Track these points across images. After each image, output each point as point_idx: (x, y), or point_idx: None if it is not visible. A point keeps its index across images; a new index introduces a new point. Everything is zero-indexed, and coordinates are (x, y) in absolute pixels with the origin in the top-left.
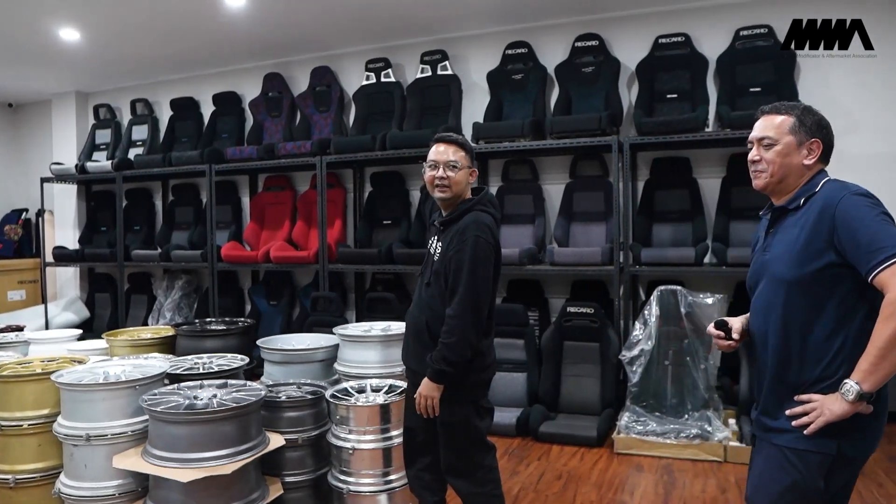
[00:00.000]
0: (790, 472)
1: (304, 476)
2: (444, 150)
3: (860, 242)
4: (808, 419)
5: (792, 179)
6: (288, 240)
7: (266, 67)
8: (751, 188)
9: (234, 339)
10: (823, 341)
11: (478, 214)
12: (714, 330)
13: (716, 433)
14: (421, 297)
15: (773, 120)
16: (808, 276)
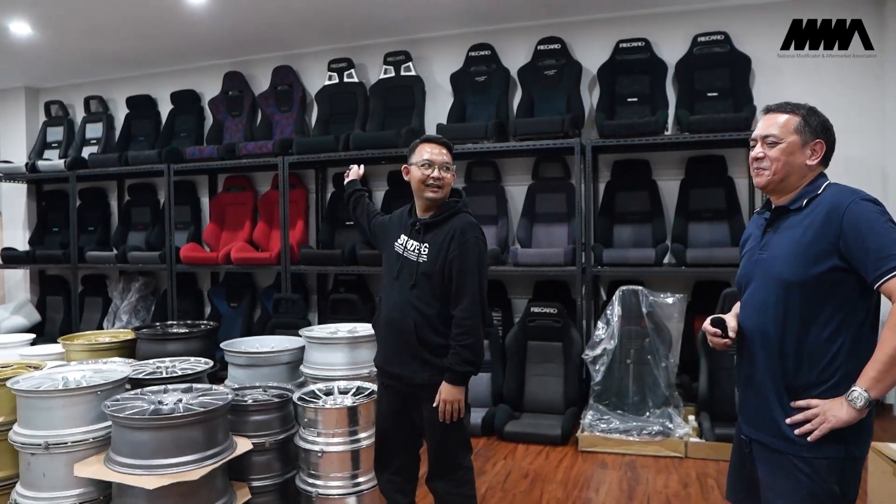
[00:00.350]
0: (802, 480)
1: (272, 480)
2: (439, 151)
3: (868, 249)
4: (810, 426)
5: (794, 179)
6: (249, 241)
7: (226, 66)
8: (707, 190)
9: (197, 342)
10: (821, 344)
11: (467, 216)
12: (711, 328)
13: (677, 430)
14: (404, 299)
15: (777, 118)
16: (809, 279)
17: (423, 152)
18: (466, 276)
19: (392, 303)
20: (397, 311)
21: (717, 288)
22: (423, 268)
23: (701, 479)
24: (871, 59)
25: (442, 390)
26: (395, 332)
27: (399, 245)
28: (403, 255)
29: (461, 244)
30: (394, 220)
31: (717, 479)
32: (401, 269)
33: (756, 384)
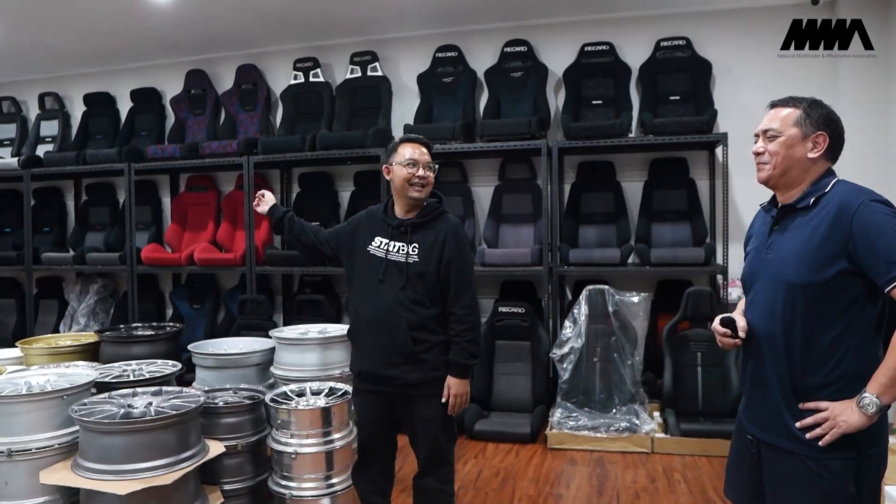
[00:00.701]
0: (819, 483)
1: (244, 483)
2: (423, 151)
3: (879, 253)
4: (821, 431)
5: (795, 173)
6: (212, 241)
7: (188, 63)
8: (670, 191)
9: (163, 345)
10: (828, 346)
11: (453, 217)
12: (720, 328)
13: (643, 426)
14: (394, 301)
15: (779, 112)
16: (817, 282)
17: (406, 152)
18: (465, 274)
19: (378, 305)
20: (386, 313)
21: (680, 287)
22: (414, 268)
23: (668, 474)
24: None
25: (451, 385)
26: (384, 335)
27: (378, 247)
28: (387, 258)
29: (457, 244)
30: (362, 225)
31: (683, 474)
32: (386, 270)
33: (763, 384)
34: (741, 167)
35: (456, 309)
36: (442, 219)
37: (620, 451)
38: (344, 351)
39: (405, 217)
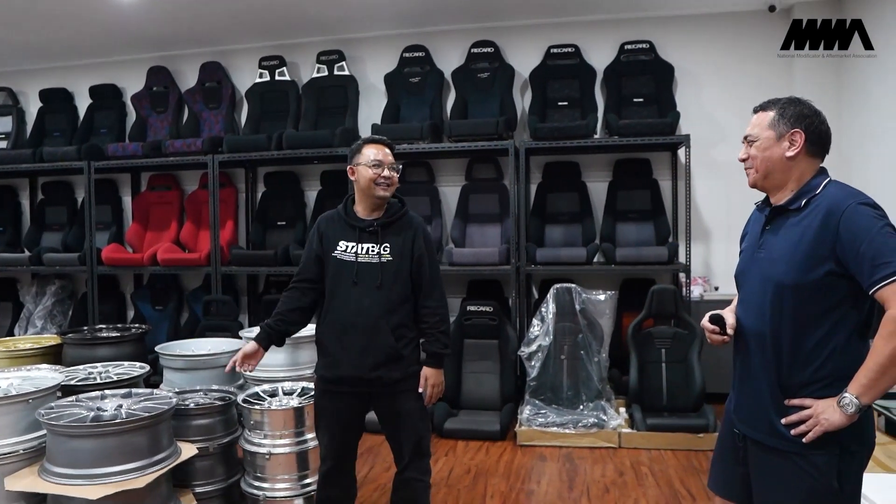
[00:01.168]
0: (803, 477)
1: (216, 485)
2: (386, 152)
3: (864, 255)
4: (805, 428)
5: (778, 174)
6: (175, 241)
7: (150, 60)
8: (634, 192)
9: (129, 347)
10: (815, 345)
11: (416, 215)
12: (709, 325)
13: (610, 421)
14: (371, 302)
15: (757, 117)
16: (805, 283)
17: (371, 153)
18: (435, 269)
19: (354, 308)
20: (364, 315)
21: (643, 285)
22: (390, 267)
23: (635, 468)
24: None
25: (428, 375)
26: (363, 337)
27: (345, 252)
28: (359, 261)
29: (426, 241)
30: (325, 235)
31: (650, 467)
32: (358, 272)
33: (751, 381)
34: (703, 168)
35: (429, 302)
36: (408, 218)
37: (589, 446)
38: (315, 351)
39: (370, 217)
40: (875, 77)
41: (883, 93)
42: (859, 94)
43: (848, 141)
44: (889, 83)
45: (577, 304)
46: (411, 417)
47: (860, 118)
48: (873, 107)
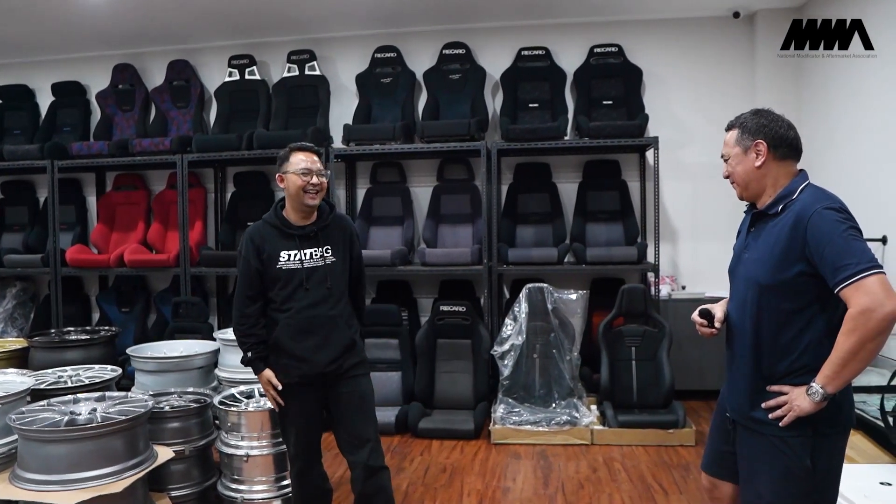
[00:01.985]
0: (780, 457)
1: (192, 489)
2: (314, 159)
3: (827, 258)
4: (780, 412)
5: (755, 185)
6: (142, 242)
7: (116, 57)
8: (603, 192)
9: (98, 350)
10: (791, 340)
11: (343, 214)
12: (699, 318)
13: (583, 418)
14: (323, 300)
15: (727, 136)
16: (780, 283)
17: (300, 161)
18: (361, 264)
19: (309, 311)
20: (319, 315)
21: (613, 285)
22: (334, 268)
23: (608, 463)
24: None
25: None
26: (322, 333)
27: (290, 260)
28: (305, 266)
29: (357, 238)
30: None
31: (622, 463)
32: (308, 277)
33: (737, 371)
34: (670, 170)
35: (360, 290)
36: (338, 217)
37: (562, 443)
38: None
39: (306, 223)
40: (833, 79)
41: (841, 95)
42: (818, 96)
43: (808, 142)
44: (846, 85)
45: (549, 303)
46: (365, 399)
47: (820, 120)
48: (832, 108)
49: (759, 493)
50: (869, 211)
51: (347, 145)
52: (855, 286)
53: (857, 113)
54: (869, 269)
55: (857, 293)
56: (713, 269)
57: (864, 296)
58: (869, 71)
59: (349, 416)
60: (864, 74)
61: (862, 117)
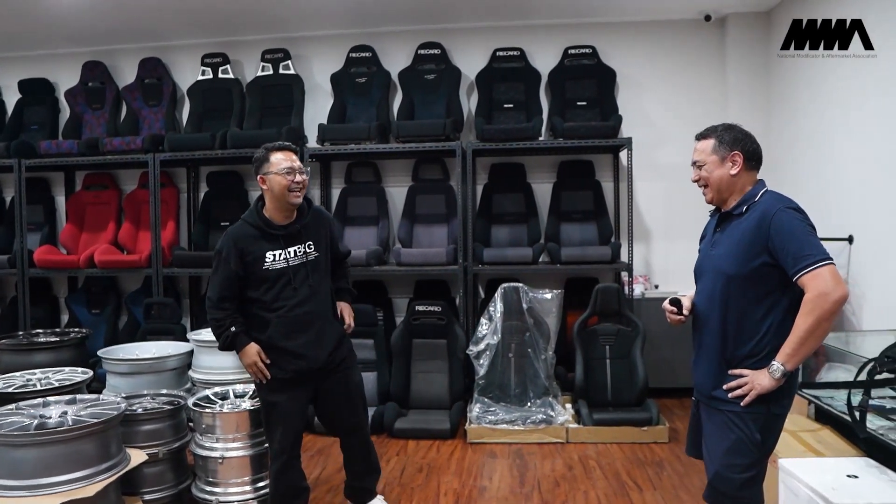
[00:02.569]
0: (734, 430)
1: (166, 492)
2: (294, 157)
3: (789, 250)
4: (741, 392)
5: (727, 189)
6: (113, 242)
7: (85, 55)
8: (577, 193)
9: (68, 352)
10: (755, 324)
11: (315, 205)
12: (669, 306)
13: (558, 417)
14: (313, 295)
15: (700, 144)
16: (745, 273)
17: (281, 161)
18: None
19: (300, 307)
20: (311, 307)
21: (587, 284)
22: (318, 262)
23: (583, 461)
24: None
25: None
26: (315, 329)
27: (276, 261)
28: (291, 265)
29: (332, 222)
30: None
31: (597, 461)
32: (295, 275)
33: (703, 356)
34: (643, 170)
35: (343, 263)
36: (316, 211)
37: (537, 442)
38: None
39: (288, 221)
40: (802, 82)
41: (809, 97)
42: (788, 98)
43: (777, 143)
44: (814, 87)
45: (524, 302)
46: (358, 388)
47: (789, 121)
48: (801, 110)
49: (713, 459)
50: (835, 211)
51: (322, 145)
52: (812, 274)
53: (824, 115)
54: (823, 261)
55: (814, 280)
56: (686, 268)
57: (820, 282)
58: (835, 73)
59: (340, 405)
60: (832, 77)
61: (829, 119)
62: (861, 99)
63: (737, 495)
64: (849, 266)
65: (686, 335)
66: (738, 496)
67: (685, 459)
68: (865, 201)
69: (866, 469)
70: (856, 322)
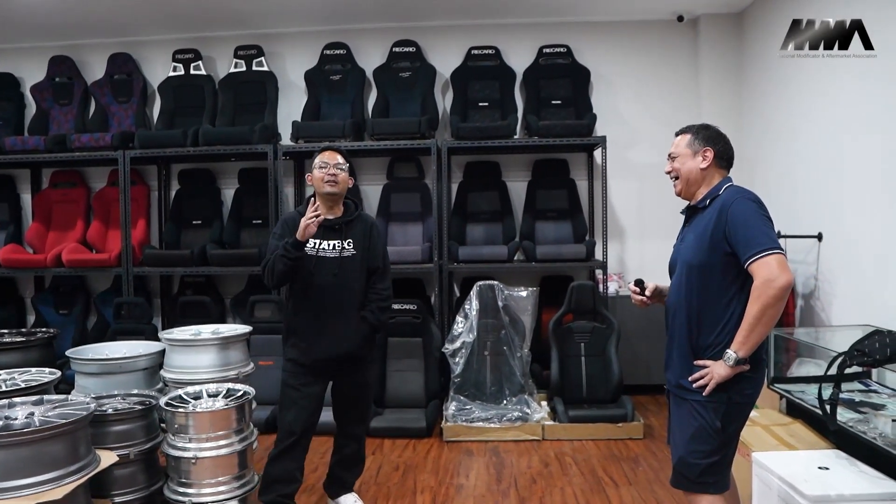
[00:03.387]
0: (696, 418)
1: (137, 494)
2: (334, 155)
3: (740, 239)
4: (703, 382)
5: (694, 182)
6: (82, 241)
7: (52, 49)
8: (552, 191)
9: (35, 352)
10: (718, 312)
11: (368, 213)
12: (633, 286)
13: (534, 414)
14: (342, 287)
15: (678, 139)
16: (708, 263)
17: (319, 158)
18: (386, 259)
19: (330, 297)
20: (339, 300)
21: (562, 282)
22: (354, 259)
23: (559, 458)
24: (685, 72)
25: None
26: (341, 320)
27: (314, 248)
28: (328, 256)
29: (379, 235)
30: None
31: (573, 457)
32: (329, 266)
33: (674, 347)
34: (617, 169)
35: (379, 285)
36: (363, 216)
37: (513, 439)
38: (240, 351)
39: (332, 216)
40: (772, 82)
41: (779, 97)
42: (759, 98)
43: (748, 142)
44: (785, 87)
45: (500, 300)
46: (366, 389)
47: (760, 121)
48: (772, 110)
49: (677, 445)
50: (805, 209)
51: (296, 142)
52: (760, 262)
53: (794, 114)
54: (772, 250)
55: (762, 268)
56: (659, 266)
57: (765, 270)
58: (805, 73)
59: (350, 402)
60: (801, 77)
61: (799, 118)
62: (829, 99)
63: (700, 480)
64: (818, 263)
65: (661, 332)
66: (701, 481)
67: (660, 455)
68: (834, 200)
69: (837, 461)
70: (825, 318)
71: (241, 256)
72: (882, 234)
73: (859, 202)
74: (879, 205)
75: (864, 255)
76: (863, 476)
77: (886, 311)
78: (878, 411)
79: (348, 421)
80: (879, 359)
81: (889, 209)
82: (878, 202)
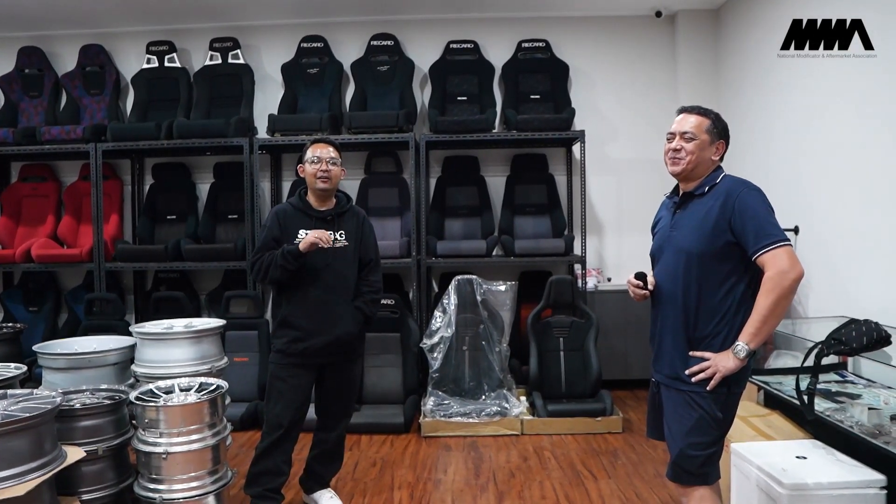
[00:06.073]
0: (696, 409)
1: (105, 491)
2: (327, 148)
3: (749, 229)
4: (705, 375)
5: (700, 170)
6: (52, 236)
7: (21, 40)
8: (531, 186)
9: (1, 348)
10: (716, 303)
11: (358, 207)
12: (634, 280)
13: (513, 409)
14: (337, 276)
15: (692, 119)
16: (709, 251)
17: (311, 151)
18: (377, 251)
19: (321, 288)
20: (330, 291)
21: (540, 277)
22: (346, 251)
23: (538, 452)
24: (662, 66)
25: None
26: (332, 311)
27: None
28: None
29: (371, 228)
30: (283, 225)
31: (552, 452)
32: (321, 257)
33: (665, 337)
34: (596, 164)
35: (372, 277)
36: (354, 209)
37: (492, 434)
38: (213, 345)
39: (324, 208)
40: (749, 79)
41: (756, 93)
42: (736, 93)
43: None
44: (761, 84)
45: (478, 295)
46: (352, 383)
47: (737, 115)
48: (748, 105)
49: (675, 439)
50: (783, 202)
51: (272, 136)
52: (772, 254)
53: (770, 109)
54: (782, 242)
55: (774, 260)
56: (637, 260)
57: (778, 261)
58: (780, 69)
59: (333, 395)
60: (777, 72)
61: (775, 114)
62: (804, 95)
63: (699, 472)
64: None
65: (639, 327)
66: (700, 472)
67: (639, 448)
68: (810, 194)
69: (814, 450)
70: (802, 310)
71: (217, 251)
72: (856, 227)
73: (834, 196)
74: (854, 198)
75: (840, 247)
76: (840, 464)
77: (861, 302)
78: (854, 400)
79: (331, 415)
80: (856, 347)
81: (863, 203)
82: (853, 196)
